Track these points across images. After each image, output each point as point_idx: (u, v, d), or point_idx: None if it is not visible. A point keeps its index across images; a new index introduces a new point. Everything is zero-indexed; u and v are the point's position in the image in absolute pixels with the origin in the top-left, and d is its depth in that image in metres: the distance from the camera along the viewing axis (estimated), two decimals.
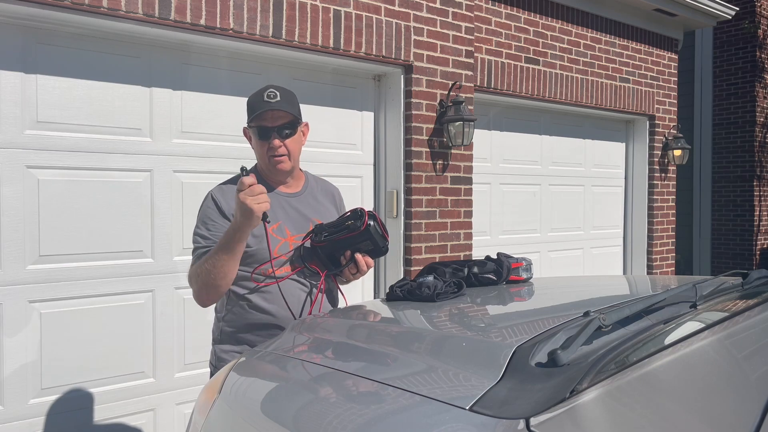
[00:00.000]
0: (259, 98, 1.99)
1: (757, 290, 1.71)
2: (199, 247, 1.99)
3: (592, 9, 5.33)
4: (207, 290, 1.92)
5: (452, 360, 1.23)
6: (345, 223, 2.00)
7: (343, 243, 1.99)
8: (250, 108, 2.03)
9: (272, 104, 1.97)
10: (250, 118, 2.01)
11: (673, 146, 6.04)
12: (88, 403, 3.03)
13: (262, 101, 1.98)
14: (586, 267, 5.77)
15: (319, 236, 2.01)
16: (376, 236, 1.99)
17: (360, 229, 1.96)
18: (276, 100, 1.97)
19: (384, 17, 3.76)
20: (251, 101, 2.03)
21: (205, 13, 3.08)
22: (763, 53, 8.29)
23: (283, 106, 1.98)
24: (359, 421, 1.07)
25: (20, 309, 2.86)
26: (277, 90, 1.99)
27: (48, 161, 2.91)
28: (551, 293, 2.10)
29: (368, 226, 1.97)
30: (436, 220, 4.06)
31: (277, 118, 1.99)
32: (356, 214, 2.01)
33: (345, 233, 1.98)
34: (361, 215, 1.98)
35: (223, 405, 1.36)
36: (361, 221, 1.97)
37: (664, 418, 1.02)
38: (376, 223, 1.99)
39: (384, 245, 2.02)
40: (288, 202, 2.09)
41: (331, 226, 2.02)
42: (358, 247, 2.00)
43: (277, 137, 1.99)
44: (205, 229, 2.00)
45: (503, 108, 5.00)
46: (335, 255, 2.03)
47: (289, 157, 2.03)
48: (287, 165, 2.05)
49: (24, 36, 2.86)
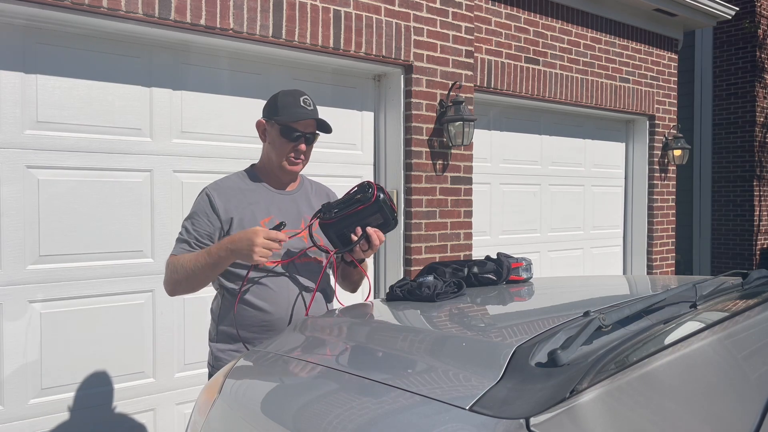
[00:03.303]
0: (295, 101, 2.06)
1: (757, 290, 1.71)
2: (181, 237, 2.05)
3: (592, 9, 5.33)
4: (181, 287, 2.03)
5: (452, 360, 1.23)
6: (354, 197, 1.97)
7: (353, 218, 1.95)
8: (282, 107, 2.06)
9: (309, 112, 2.07)
10: (282, 116, 2.04)
11: (673, 146, 6.05)
12: (88, 403, 3.03)
13: (299, 105, 2.06)
14: (586, 267, 5.77)
15: (328, 214, 1.97)
16: (386, 208, 1.96)
17: (371, 201, 1.93)
18: (312, 108, 2.09)
19: (384, 17, 3.76)
20: (285, 101, 2.07)
21: (205, 13, 3.08)
22: (763, 53, 8.29)
23: (317, 117, 2.09)
24: (359, 421, 1.07)
25: (20, 309, 2.86)
26: (309, 97, 2.10)
27: (48, 161, 2.91)
28: (551, 293, 2.10)
29: (378, 197, 1.94)
30: (436, 220, 4.06)
31: (309, 125, 2.09)
32: (364, 187, 1.98)
33: (356, 206, 1.94)
34: (370, 187, 1.96)
35: (223, 405, 1.36)
36: (371, 193, 1.94)
37: (664, 418, 1.02)
38: (384, 196, 1.97)
39: (394, 217, 1.99)
40: (281, 200, 2.13)
41: (339, 203, 1.99)
42: (367, 222, 1.96)
43: (305, 143, 2.09)
44: (190, 222, 2.06)
45: (503, 108, 5.00)
46: (345, 233, 1.98)
47: (303, 162, 2.14)
48: (300, 168, 2.14)
49: (24, 36, 2.86)
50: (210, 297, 2.21)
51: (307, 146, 2.11)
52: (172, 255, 2.04)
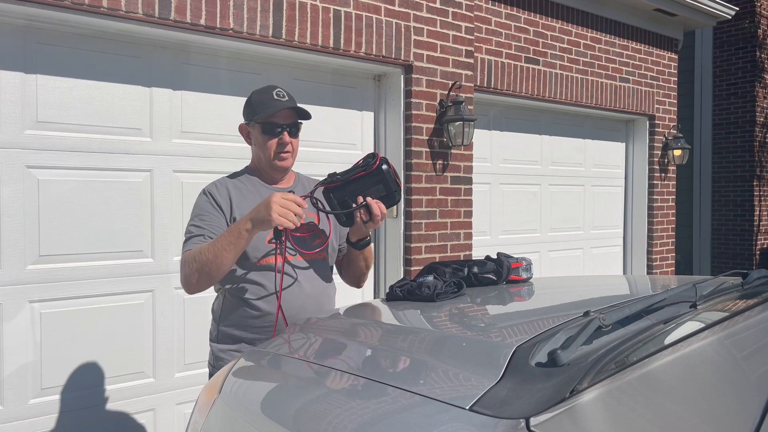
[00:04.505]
0: (268, 96, 2.05)
1: (757, 290, 1.71)
2: (192, 234, 2.00)
3: (592, 9, 5.33)
4: (200, 277, 1.93)
5: (452, 360, 1.23)
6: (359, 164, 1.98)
7: (355, 184, 1.96)
8: (257, 105, 2.06)
9: (285, 102, 2.04)
10: (260, 114, 2.04)
11: (673, 146, 6.04)
12: (88, 403, 3.03)
13: (273, 99, 2.04)
14: (586, 267, 5.77)
15: (331, 178, 1.98)
16: (389, 179, 1.96)
17: (372, 167, 1.94)
18: (286, 99, 2.05)
19: (384, 17, 3.76)
20: (258, 99, 2.07)
21: (205, 13, 3.08)
22: (763, 53, 8.29)
23: (295, 106, 2.06)
24: (359, 421, 1.07)
25: (20, 309, 2.86)
26: (283, 89, 2.07)
27: (48, 161, 2.91)
28: (551, 293, 2.10)
29: (380, 166, 1.95)
30: (436, 220, 4.06)
31: (288, 116, 2.07)
32: (368, 157, 1.99)
33: (359, 172, 1.95)
34: (374, 157, 1.97)
35: (223, 405, 1.36)
36: (374, 161, 1.95)
37: (664, 418, 1.02)
38: (388, 167, 1.98)
39: (397, 190, 1.99)
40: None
41: (344, 171, 2.00)
42: (369, 192, 1.97)
43: (288, 135, 2.06)
44: (199, 219, 2.02)
45: (503, 108, 5.00)
46: (347, 201, 1.98)
47: (292, 155, 2.11)
48: (290, 162, 2.11)
49: (24, 36, 2.86)
50: (211, 297, 2.21)
51: (292, 137, 2.08)
52: (186, 251, 1.98)
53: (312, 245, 2.11)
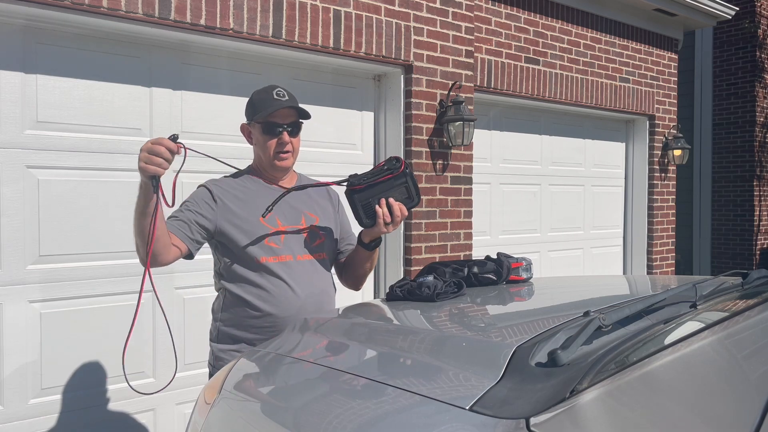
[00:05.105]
0: (268, 96, 2.05)
1: (757, 290, 1.71)
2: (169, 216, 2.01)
3: (592, 9, 5.33)
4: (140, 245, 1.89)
5: (452, 360, 1.23)
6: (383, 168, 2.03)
7: (380, 186, 2.01)
8: (257, 105, 2.07)
9: (284, 102, 2.04)
10: (259, 114, 2.04)
11: (673, 146, 6.04)
12: (88, 402, 3.03)
13: (272, 99, 2.04)
14: (586, 267, 5.77)
15: (356, 180, 2.02)
16: (411, 182, 2.03)
17: (399, 170, 2.00)
18: (286, 98, 2.06)
19: (384, 17, 3.76)
20: (258, 99, 2.07)
21: (205, 13, 3.08)
22: (763, 53, 8.29)
23: (295, 105, 2.07)
24: (359, 421, 1.07)
25: (20, 309, 2.86)
26: (284, 89, 2.08)
27: (48, 161, 2.91)
28: (551, 293, 2.10)
29: (405, 170, 2.01)
30: (436, 220, 4.05)
31: (287, 115, 2.07)
32: (392, 160, 2.04)
33: (385, 175, 2.01)
34: (398, 159, 2.03)
35: (223, 405, 1.37)
36: (399, 164, 2.01)
37: (664, 418, 1.02)
38: (410, 170, 2.05)
39: (417, 193, 2.06)
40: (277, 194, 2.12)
41: (367, 173, 2.05)
42: (392, 194, 2.03)
43: (287, 134, 2.07)
44: (183, 205, 2.06)
45: (503, 108, 5.00)
46: (371, 202, 2.03)
47: (293, 155, 2.11)
48: (290, 162, 2.12)
49: (24, 36, 2.86)
50: (211, 297, 2.21)
51: (292, 137, 2.08)
52: None
53: (312, 245, 2.11)
